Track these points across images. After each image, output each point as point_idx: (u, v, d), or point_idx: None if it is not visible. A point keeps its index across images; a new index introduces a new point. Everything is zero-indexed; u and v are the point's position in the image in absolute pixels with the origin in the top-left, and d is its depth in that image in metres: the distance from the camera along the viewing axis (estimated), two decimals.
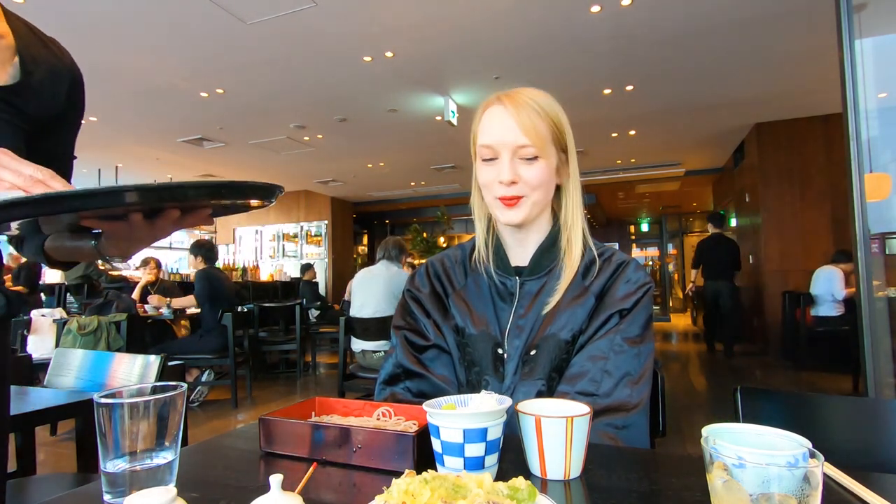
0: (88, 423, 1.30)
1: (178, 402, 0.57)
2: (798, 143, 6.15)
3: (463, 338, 0.93)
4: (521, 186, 0.86)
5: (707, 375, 5.34)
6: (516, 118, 0.84)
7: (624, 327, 0.85)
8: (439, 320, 0.96)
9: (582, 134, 6.63)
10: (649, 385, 0.85)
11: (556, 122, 0.88)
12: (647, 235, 14.50)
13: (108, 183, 6.92)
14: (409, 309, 0.99)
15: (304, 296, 7.00)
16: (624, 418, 0.79)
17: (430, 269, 1.03)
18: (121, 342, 3.76)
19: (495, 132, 0.86)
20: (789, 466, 0.41)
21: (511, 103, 0.85)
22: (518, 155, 0.86)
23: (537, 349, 0.87)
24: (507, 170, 0.85)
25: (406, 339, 0.96)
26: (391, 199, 11.13)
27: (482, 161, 0.89)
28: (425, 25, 3.85)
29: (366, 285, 3.48)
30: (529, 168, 0.86)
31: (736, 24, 3.86)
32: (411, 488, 0.43)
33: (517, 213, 0.88)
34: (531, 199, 0.88)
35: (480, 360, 0.90)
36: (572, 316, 0.87)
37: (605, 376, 0.82)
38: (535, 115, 0.85)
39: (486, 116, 0.89)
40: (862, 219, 2.20)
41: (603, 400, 0.80)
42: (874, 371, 2.20)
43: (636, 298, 0.87)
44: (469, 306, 0.94)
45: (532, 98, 0.87)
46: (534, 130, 0.84)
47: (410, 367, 0.93)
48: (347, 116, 5.86)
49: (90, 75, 4.08)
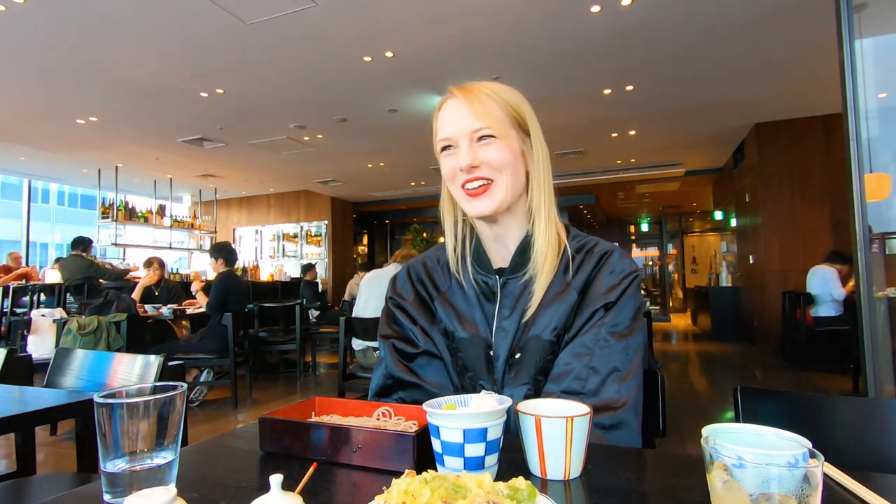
0: (88, 423, 1.30)
1: (178, 402, 0.57)
2: (798, 143, 6.15)
3: (453, 342, 0.90)
4: (483, 169, 0.83)
5: (707, 375, 5.34)
6: (469, 106, 0.83)
7: (609, 320, 0.81)
8: (426, 326, 0.93)
9: (582, 134, 6.63)
10: (639, 380, 0.81)
11: (512, 105, 0.85)
12: (647, 235, 14.49)
13: (107, 183, 6.88)
14: (395, 317, 0.96)
15: (305, 296, 7.00)
16: (612, 417, 0.76)
17: (412, 274, 0.99)
18: (121, 342, 3.75)
19: (450, 123, 0.84)
20: (789, 466, 0.41)
21: (463, 94, 0.84)
22: (474, 139, 0.83)
23: (521, 352, 0.84)
24: (466, 154, 0.83)
25: (395, 348, 0.93)
26: (391, 199, 11.13)
27: (443, 156, 0.87)
28: (425, 25, 3.85)
29: (374, 285, 3.50)
30: (487, 149, 0.83)
31: (736, 24, 3.86)
32: (411, 488, 0.43)
33: (487, 203, 0.84)
34: (500, 185, 0.84)
35: (473, 365, 0.87)
36: (555, 315, 0.84)
37: (591, 373, 0.79)
38: (487, 101, 0.83)
39: (441, 112, 0.87)
40: (862, 219, 2.20)
41: (589, 399, 0.77)
42: (874, 371, 2.20)
43: (621, 289, 0.83)
44: (456, 309, 0.91)
45: (486, 86, 0.85)
46: (486, 113, 0.82)
47: (402, 376, 0.90)
48: (347, 116, 5.86)
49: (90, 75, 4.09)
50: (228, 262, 4.36)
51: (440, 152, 0.88)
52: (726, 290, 7.97)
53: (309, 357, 5.86)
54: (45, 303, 5.73)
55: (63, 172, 8.86)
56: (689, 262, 13.58)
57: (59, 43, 4.04)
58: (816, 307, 5.00)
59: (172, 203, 9.19)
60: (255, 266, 9.70)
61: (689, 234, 13.72)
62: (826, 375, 4.96)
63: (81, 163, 7.82)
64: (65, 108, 5.52)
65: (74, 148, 7.01)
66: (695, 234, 13.72)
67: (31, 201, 9.45)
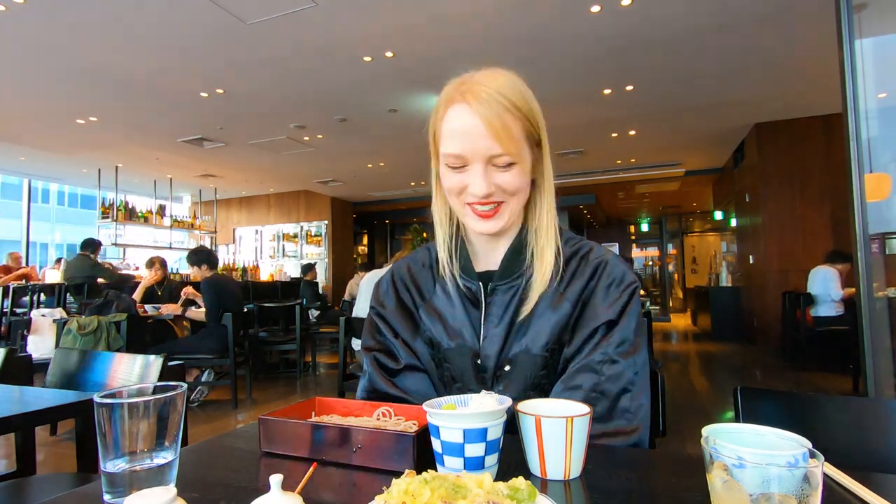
0: (88, 423, 1.30)
1: (178, 402, 0.57)
2: (798, 143, 6.15)
3: (439, 352, 0.86)
4: (497, 195, 0.78)
5: (707, 375, 5.34)
6: (485, 122, 0.73)
7: (615, 339, 0.77)
8: (409, 338, 0.89)
9: (582, 134, 6.64)
10: (648, 393, 0.79)
11: (528, 116, 0.77)
12: (647, 235, 14.49)
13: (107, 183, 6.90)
14: (377, 328, 0.92)
15: (305, 296, 7.00)
16: (624, 440, 0.74)
17: (395, 279, 0.94)
18: (121, 342, 3.75)
19: (463, 139, 0.75)
20: (789, 466, 0.41)
21: (478, 103, 0.74)
22: (490, 162, 0.76)
23: (512, 365, 0.80)
24: (482, 182, 0.76)
25: (377, 362, 0.90)
26: (391, 199, 11.13)
27: (449, 168, 0.79)
28: (425, 25, 3.85)
29: (373, 285, 3.49)
30: (504, 175, 0.77)
31: (736, 24, 3.86)
32: (411, 488, 0.43)
33: (495, 224, 0.80)
34: (510, 207, 0.80)
35: (461, 375, 0.83)
36: (546, 326, 0.79)
37: (600, 398, 0.75)
38: (505, 114, 0.74)
39: (449, 116, 0.77)
40: (862, 219, 2.20)
41: (598, 425, 0.74)
42: (874, 371, 2.20)
43: (622, 304, 0.78)
44: (442, 317, 0.87)
45: (499, 92, 0.75)
46: (507, 136, 0.74)
47: (387, 390, 0.87)
48: (347, 116, 5.86)
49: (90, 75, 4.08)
50: (212, 266, 4.34)
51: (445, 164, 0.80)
52: (726, 290, 7.97)
53: (309, 357, 5.86)
54: (45, 303, 5.73)
55: (63, 172, 8.86)
56: (689, 262, 13.58)
57: (59, 43, 4.04)
58: (816, 307, 5.00)
59: (172, 203, 9.19)
60: (255, 266, 9.70)
61: (689, 234, 13.72)
62: (826, 375, 4.96)
63: (81, 163, 7.82)
64: (65, 108, 5.53)
65: (74, 148, 7.01)
66: (695, 234, 13.72)
67: (31, 201, 9.46)
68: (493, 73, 0.79)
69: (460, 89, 0.77)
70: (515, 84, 0.78)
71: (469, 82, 0.77)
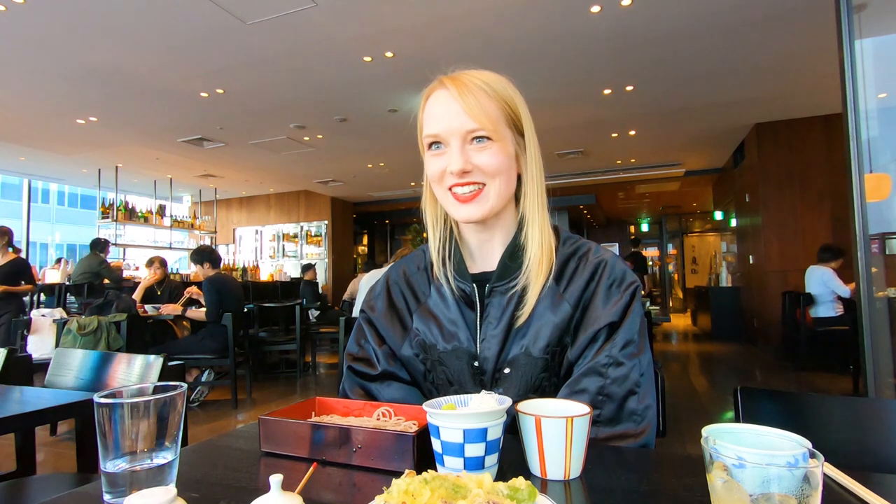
0: (88, 423, 1.30)
1: (178, 402, 0.57)
2: (798, 143, 6.15)
3: (433, 355, 0.85)
4: (475, 174, 0.77)
5: (707, 375, 5.34)
6: (462, 101, 0.75)
7: (619, 340, 0.76)
8: (396, 343, 0.88)
9: (582, 134, 6.64)
10: (654, 395, 0.78)
11: (508, 102, 0.79)
12: (647, 235, 14.50)
13: (107, 183, 6.90)
14: (363, 332, 0.91)
15: (305, 296, 7.00)
16: (631, 443, 0.74)
17: (390, 283, 0.94)
18: (121, 342, 3.75)
19: (440, 119, 0.77)
20: (789, 466, 0.41)
21: (455, 85, 0.77)
22: (467, 140, 0.77)
23: (511, 367, 0.79)
24: (458, 157, 0.76)
25: (352, 370, 0.89)
26: (391, 199, 11.13)
27: (430, 155, 0.80)
28: (425, 25, 3.85)
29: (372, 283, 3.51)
30: (482, 153, 0.77)
31: (736, 24, 3.86)
32: (411, 488, 0.43)
33: (477, 208, 0.78)
34: (492, 191, 0.78)
35: (458, 377, 0.83)
36: (545, 327, 0.78)
37: (606, 400, 0.74)
38: (483, 96, 0.76)
39: (429, 104, 0.80)
40: (862, 219, 2.20)
41: (606, 428, 0.74)
42: (874, 371, 2.20)
43: (624, 305, 0.77)
44: (437, 319, 0.86)
45: (479, 78, 0.78)
46: (482, 112, 0.75)
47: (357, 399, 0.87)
48: (347, 116, 5.86)
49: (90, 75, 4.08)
50: (214, 264, 4.34)
51: (426, 149, 0.81)
52: (726, 290, 7.97)
53: (309, 357, 5.87)
54: (45, 303, 5.74)
55: (63, 172, 8.86)
56: (689, 262, 13.57)
57: (58, 43, 4.04)
58: (816, 307, 5.00)
59: (172, 203, 9.19)
60: (255, 266, 9.70)
61: (689, 234, 13.72)
62: (826, 375, 4.96)
63: (81, 163, 7.82)
64: (65, 108, 5.52)
65: (74, 148, 7.01)
66: (695, 234, 13.71)
67: (31, 201, 9.45)
68: (478, 70, 0.82)
69: (441, 79, 0.81)
70: (499, 78, 0.81)
71: (452, 74, 0.81)
